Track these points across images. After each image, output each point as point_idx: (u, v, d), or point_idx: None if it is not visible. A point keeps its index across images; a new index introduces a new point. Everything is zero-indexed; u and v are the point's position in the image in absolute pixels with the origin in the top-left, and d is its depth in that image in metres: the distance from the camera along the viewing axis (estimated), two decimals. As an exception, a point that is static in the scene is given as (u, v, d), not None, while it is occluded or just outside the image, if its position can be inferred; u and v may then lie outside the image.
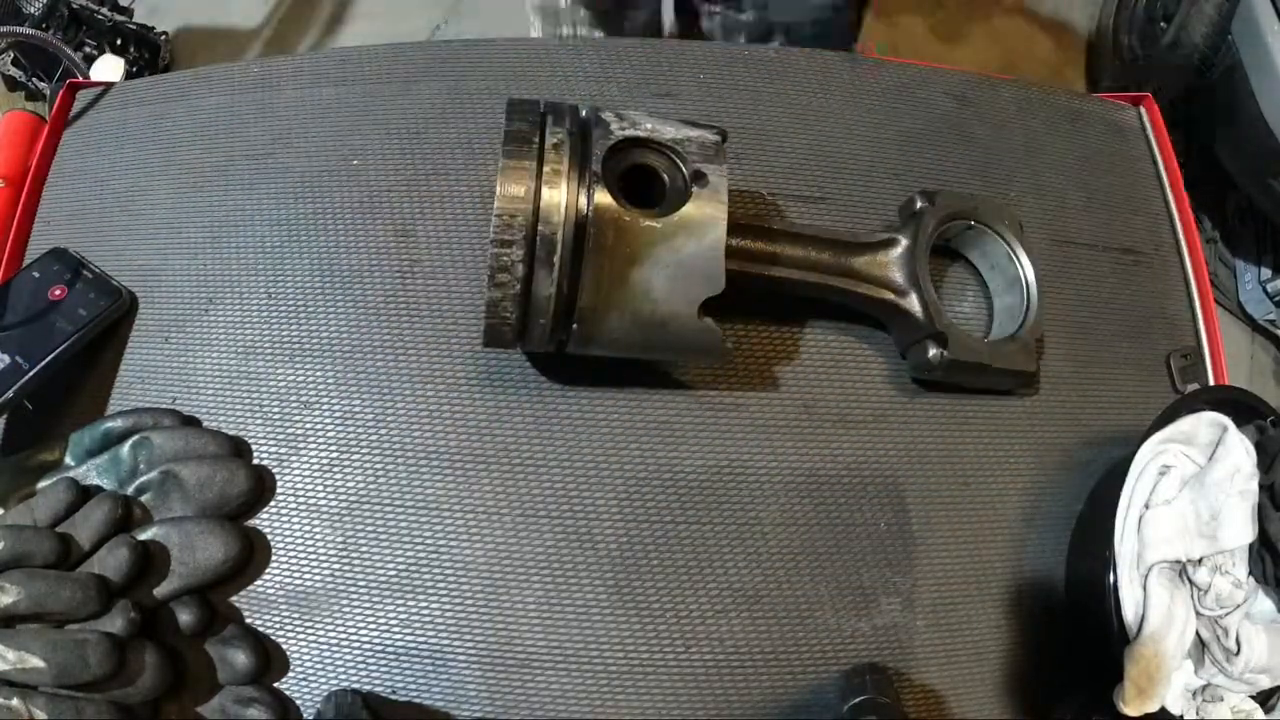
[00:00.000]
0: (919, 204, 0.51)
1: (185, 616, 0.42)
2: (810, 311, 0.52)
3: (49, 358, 0.47)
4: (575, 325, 0.42)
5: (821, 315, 0.52)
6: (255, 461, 0.48)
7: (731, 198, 0.42)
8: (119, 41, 1.46)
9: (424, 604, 0.46)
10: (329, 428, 0.48)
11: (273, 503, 0.47)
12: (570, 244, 0.40)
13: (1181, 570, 0.44)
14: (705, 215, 0.41)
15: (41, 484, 0.45)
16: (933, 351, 0.48)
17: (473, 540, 0.47)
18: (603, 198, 0.40)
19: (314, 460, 0.48)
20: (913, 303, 0.49)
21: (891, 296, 0.49)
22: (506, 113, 0.42)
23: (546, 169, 0.40)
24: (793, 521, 0.48)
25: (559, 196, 0.40)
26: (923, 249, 0.49)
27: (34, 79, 1.42)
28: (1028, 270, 0.51)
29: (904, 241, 0.50)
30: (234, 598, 0.45)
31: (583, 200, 0.40)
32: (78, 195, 0.55)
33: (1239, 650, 0.42)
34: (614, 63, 0.58)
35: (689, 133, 0.43)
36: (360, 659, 0.45)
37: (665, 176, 0.43)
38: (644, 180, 0.43)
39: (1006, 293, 0.53)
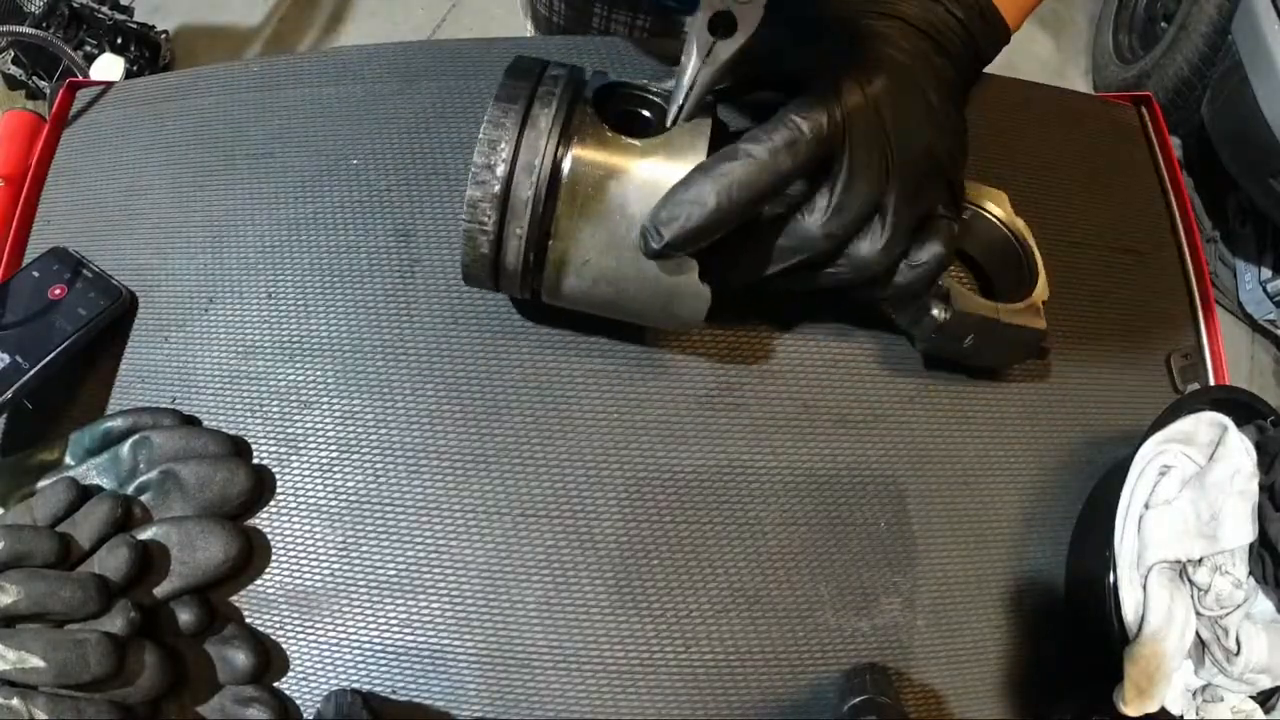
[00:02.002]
0: None
1: (185, 616, 0.42)
2: (810, 310, 0.52)
3: (49, 357, 0.47)
4: (550, 241, 0.42)
5: (821, 315, 0.52)
6: (255, 461, 0.48)
7: None
8: (119, 41, 1.46)
9: (424, 604, 0.46)
10: (329, 428, 0.48)
11: (273, 503, 0.47)
12: (551, 158, 0.40)
13: (1181, 570, 0.44)
14: (686, 140, 0.41)
15: (41, 484, 0.45)
16: (935, 309, 0.46)
17: (473, 540, 0.47)
18: (586, 119, 0.41)
19: (314, 460, 0.48)
20: None
21: None
22: (506, 71, 0.43)
23: (531, 113, 0.41)
24: (793, 521, 0.48)
25: (540, 139, 0.40)
26: None
27: (34, 78, 1.42)
28: (1027, 237, 0.51)
29: None
30: (234, 598, 0.45)
31: (573, 121, 0.41)
32: (78, 195, 0.55)
33: (1239, 650, 0.42)
34: (614, 63, 0.58)
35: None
36: (360, 659, 0.45)
37: (653, 118, 0.44)
38: (634, 122, 0.44)
39: (1006, 271, 0.52)
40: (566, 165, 0.41)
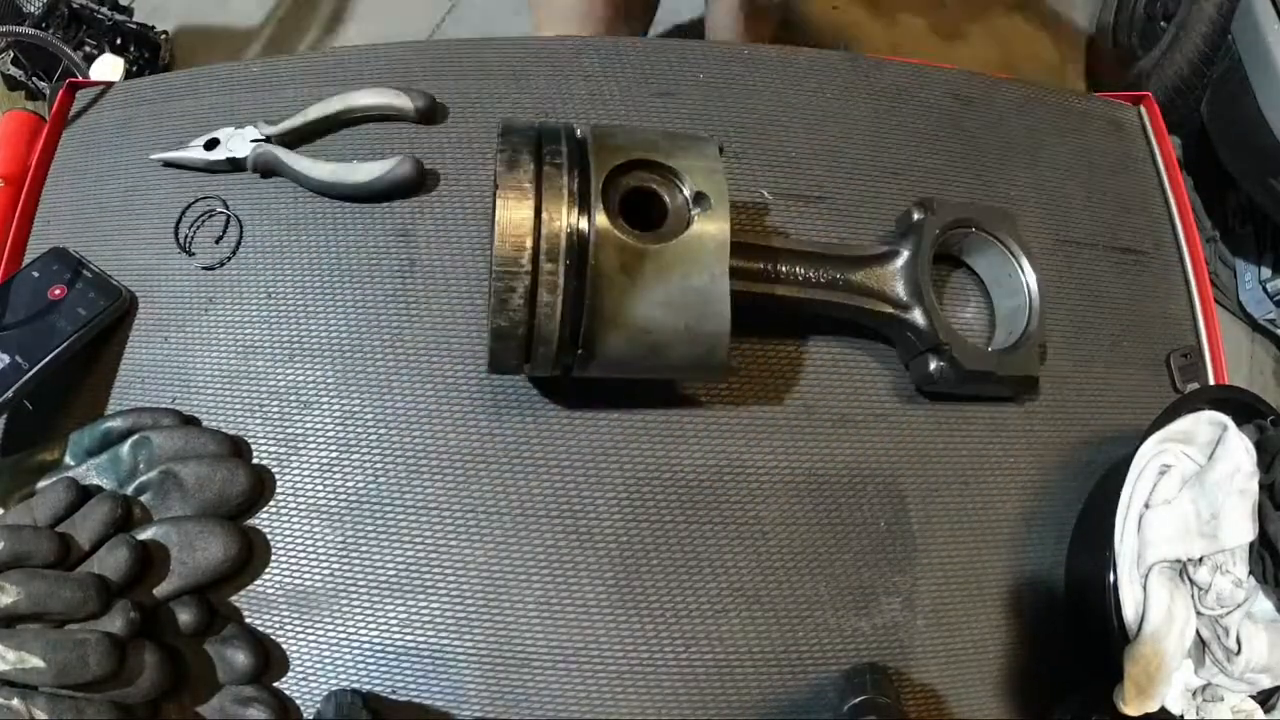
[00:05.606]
0: (916, 215, 0.51)
1: (185, 616, 0.42)
2: (810, 315, 0.52)
3: (49, 357, 0.47)
4: (580, 350, 0.41)
5: (822, 319, 0.52)
6: (255, 461, 0.48)
7: (732, 211, 0.42)
8: (119, 41, 1.46)
9: (424, 604, 0.46)
10: (329, 428, 0.48)
11: (273, 503, 0.47)
12: (575, 271, 0.40)
13: (1182, 570, 0.44)
14: (707, 241, 0.41)
15: (41, 484, 0.45)
16: (934, 365, 0.48)
17: (473, 540, 0.47)
18: (604, 223, 0.40)
19: (314, 460, 0.48)
20: (916, 316, 0.48)
21: (894, 310, 0.49)
22: (500, 138, 0.41)
23: (546, 196, 0.40)
24: (793, 521, 0.48)
25: (559, 223, 0.39)
26: (925, 261, 0.49)
27: (34, 79, 1.42)
28: (1029, 275, 0.51)
29: (905, 253, 0.49)
30: (234, 598, 0.45)
31: (584, 225, 0.40)
32: (78, 195, 0.55)
33: (1239, 650, 0.42)
34: (614, 62, 0.57)
35: (690, 155, 0.43)
36: (360, 659, 0.45)
37: (666, 198, 0.42)
38: (644, 199, 0.43)
39: (1008, 297, 0.53)
40: (591, 286, 0.40)
